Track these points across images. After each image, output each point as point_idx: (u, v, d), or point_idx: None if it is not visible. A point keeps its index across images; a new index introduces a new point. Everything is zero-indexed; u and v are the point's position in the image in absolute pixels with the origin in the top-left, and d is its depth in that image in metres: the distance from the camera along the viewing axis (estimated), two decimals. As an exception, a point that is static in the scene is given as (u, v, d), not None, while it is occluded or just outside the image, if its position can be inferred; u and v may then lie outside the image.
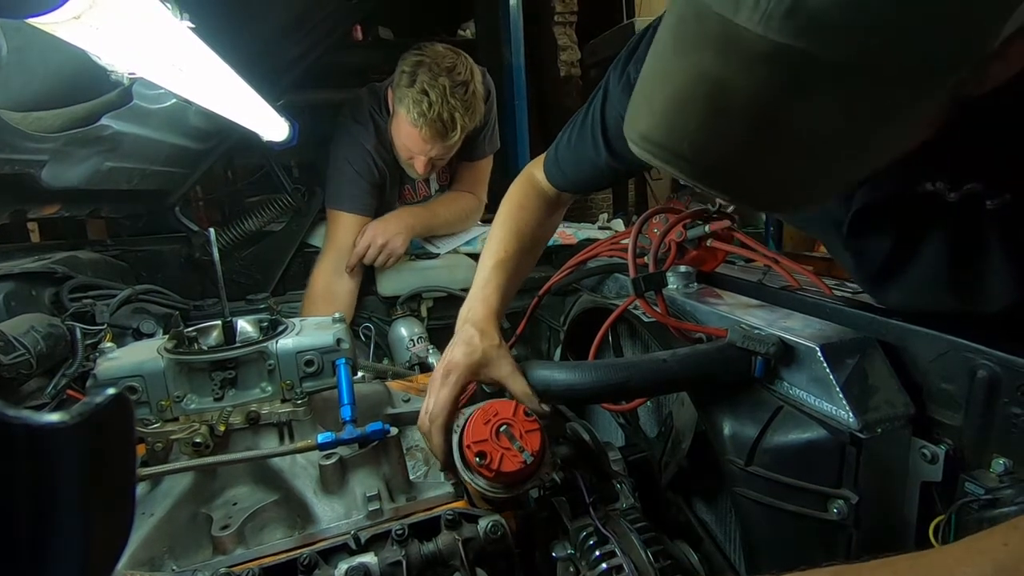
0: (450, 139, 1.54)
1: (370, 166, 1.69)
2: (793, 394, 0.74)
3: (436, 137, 1.53)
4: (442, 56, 1.53)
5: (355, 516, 0.80)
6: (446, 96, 1.48)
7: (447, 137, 1.53)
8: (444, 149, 1.59)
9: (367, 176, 1.69)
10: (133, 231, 1.78)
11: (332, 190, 1.70)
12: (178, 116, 1.30)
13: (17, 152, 0.95)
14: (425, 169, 1.64)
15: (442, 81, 1.48)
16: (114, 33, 0.60)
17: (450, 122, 1.50)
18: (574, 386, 0.76)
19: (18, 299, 1.11)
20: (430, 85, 1.48)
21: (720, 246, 1.05)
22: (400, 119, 1.57)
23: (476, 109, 1.57)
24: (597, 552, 0.72)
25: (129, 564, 0.70)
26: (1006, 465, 0.61)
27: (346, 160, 1.68)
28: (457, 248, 1.82)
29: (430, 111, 1.48)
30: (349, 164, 1.68)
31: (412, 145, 1.59)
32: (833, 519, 0.68)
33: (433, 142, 1.55)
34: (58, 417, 0.23)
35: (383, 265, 1.65)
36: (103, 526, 0.28)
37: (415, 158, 1.62)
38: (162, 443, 0.82)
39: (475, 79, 1.57)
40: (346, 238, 1.66)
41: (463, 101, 1.51)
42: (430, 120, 1.49)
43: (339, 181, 1.69)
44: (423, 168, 1.64)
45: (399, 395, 1.04)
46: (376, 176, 1.72)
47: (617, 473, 0.88)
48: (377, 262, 1.63)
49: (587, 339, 1.07)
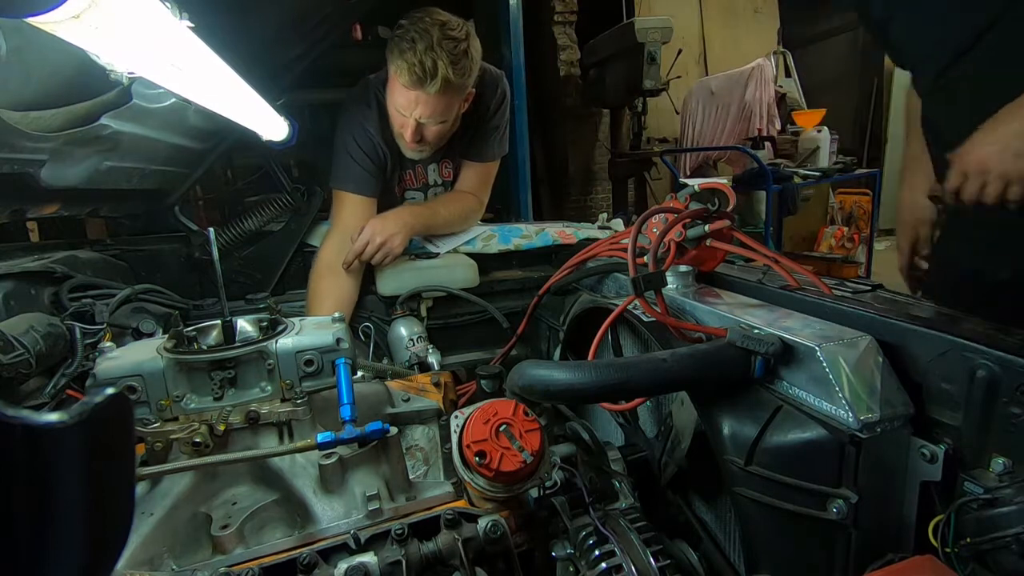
0: (429, 88, 1.47)
1: (374, 146, 1.68)
2: (792, 394, 0.75)
3: (415, 84, 1.47)
4: (437, 13, 1.51)
5: (355, 516, 0.80)
6: (432, 45, 1.44)
7: (426, 84, 1.46)
8: (428, 106, 1.53)
9: (372, 156, 1.68)
10: (133, 230, 1.78)
11: (337, 170, 1.70)
12: (177, 115, 1.30)
13: (16, 151, 0.95)
14: (412, 137, 1.59)
15: (432, 32, 1.45)
16: (113, 32, 0.60)
17: (432, 69, 1.44)
18: (574, 386, 0.76)
19: (17, 298, 1.11)
20: (419, 32, 1.45)
21: (720, 246, 1.05)
22: (391, 77, 1.54)
23: (465, 68, 1.51)
24: (597, 551, 0.72)
25: (129, 564, 0.70)
26: (1005, 464, 0.61)
27: (352, 139, 1.67)
28: (457, 248, 1.82)
29: (413, 56, 1.43)
30: (355, 144, 1.66)
31: (398, 102, 1.55)
32: (832, 519, 0.68)
33: (415, 93, 1.49)
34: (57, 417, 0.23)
35: (380, 263, 1.65)
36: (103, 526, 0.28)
37: (404, 123, 1.58)
38: (162, 443, 0.82)
39: (470, 41, 1.51)
40: (351, 218, 1.65)
41: (450, 54, 1.45)
42: (410, 64, 1.44)
43: (344, 162, 1.68)
44: (410, 135, 1.58)
45: (399, 395, 1.04)
46: (380, 157, 1.71)
47: (617, 473, 0.88)
48: (374, 260, 1.63)
49: (587, 339, 1.07)
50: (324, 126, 2.51)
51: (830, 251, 5.04)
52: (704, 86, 5.71)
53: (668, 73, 5.13)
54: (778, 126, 5.39)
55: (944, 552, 0.63)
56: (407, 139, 1.62)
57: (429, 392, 1.08)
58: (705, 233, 1.03)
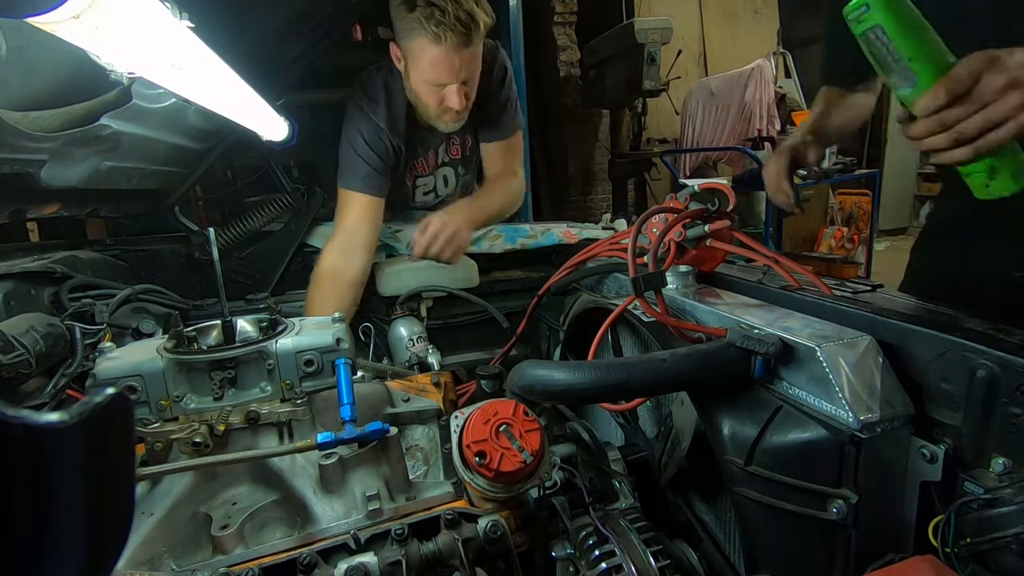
0: (475, 40, 1.43)
1: (385, 144, 1.62)
2: (793, 394, 0.75)
3: (462, 43, 1.41)
4: None
5: (355, 516, 0.80)
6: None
7: (472, 38, 1.41)
8: (472, 61, 1.48)
9: (381, 153, 1.63)
10: (133, 231, 1.78)
11: (344, 169, 1.62)
12: (177, 116, 1.30)
13: (16, 152, 0.94)
14: (460, 99, 1.51)
15: None
16: (113, 32, 0.60)
17: (471, 19, 1.39)
18: (573, 386, 0.76)
19: (17, 299, 1.11)
20: None
21: (720, 246, 1.05)
22: (415, 54, 1.47)
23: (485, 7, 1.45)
24: (597, 552, 0.72)
25: (129, 564, 0.70)
26: (1005, 465, 0.61)
27: (359, 135, 1.60)
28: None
29: (446, 16, 1.37)
30: (363, 140, 1.60)
31: (440, 71, 1.47)
32: (832, 519, 0.68)
33: (460, 52, 1.43)
34: (57, 417, 0.23)
35: (450, 259, 1.58)
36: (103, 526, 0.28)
37: (447, 92, 1.51)
38: (162, 443, 0.82)
39: None
40: (357, 219, 1.60)
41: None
42: (451, 23, 1.37)
43: (352, 160, 1.62)
44: (458, 99, 1.50)
45: (399, 395, 1.04)
46: (390, 154, 1.66)
47: (617, 473, 0.88)
48: (444, 254, 1.55)
49: (587, 339, 1.07)
50: (324, 126, 2.51)
51: (830, 251, 5.05)
52: (704, 87, 5.72)
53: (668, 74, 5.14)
54: (778, 126, 5.40)
55: (944, 552, 0.63)
56: (456, 106, 1.53)
57: (429, 392, 1.08)
58: (705, 233, 1.03)
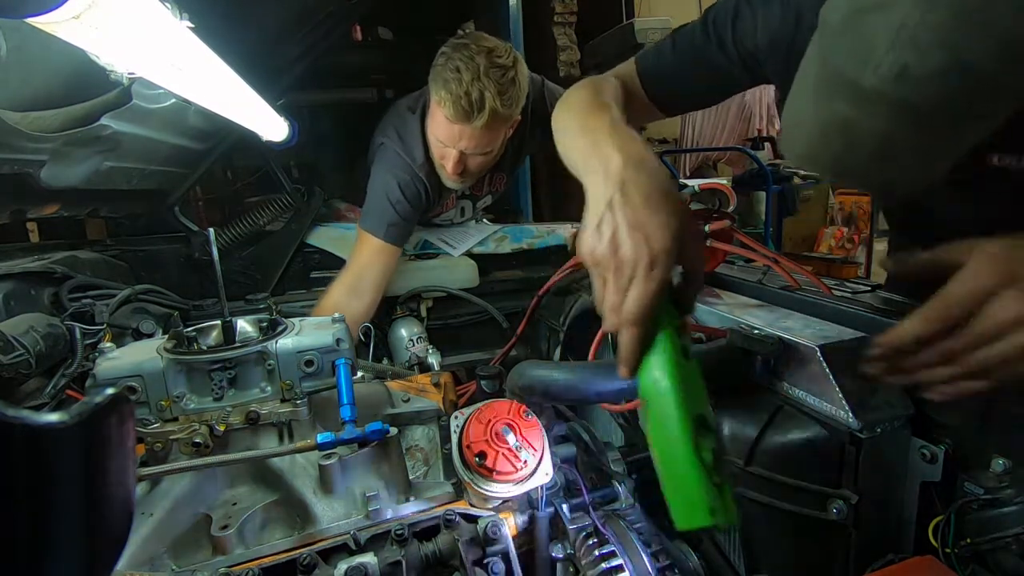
0: (476, 121, 1.38)
1: (418, 191, 1.57)
2: (793, 394, 0.74)
3: (461, 118, 1.38)
4: (483, 38, 1.42)
5: (355, 516, 0.80)
6: (479, 75, 1.35)
7: (472, 118, 1.38)
8: (473, 139, 1.44)
9: (415, 204, 1.57)
10: (132, 231, 1.78)
11: (371, 212, 1.56)
12: (177, 116, 1.30)
13: (16, 152, 0.94)
14: (454, 168, 1.49)
15: (478, 60, 1.36)
16: (113, 33, 0.60)
17: (478, 102, 1.35)
18: (573, 386, 0.76)
19: (17, 299, 1.11)
20: (464, 61, 1.36)
21: (720, 246, 1.05)
22: (432, 105, 1.45)
23: (513, 98, 1.41)
24: (597, 552, 0.72)
25: (129, 564, 0.70)
26: (1005, 465, 0.61)
27: (396, 185, 1.54)
28: (471, 248, 1.81)
29: (459, 87, 1.35)
30: (399, 191, 1.54)
31: (440, 133, 1.46)
32: (833, 519, 0.68)
33: (460, 126, 1.41)
34: (57, 417, 0.23)
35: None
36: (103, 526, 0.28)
37: (445, 152, 1.50)
38: (162, 443, 0.82)
39: (518, 68, 1.42)
40: (370, 264, 1.53)
41: (498, 83, 1.36)
42: (455, 97, 1.35)
43: (382, 206, 1.54)
44: (452, 166, 1.49)
45: (399, 395, 1.04)
46: (422, 200, 1.59)
47: (617, 473, 0.88)
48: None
49: (587, 339, 1.07)
50: (324, 126, 2.51)
51: (830, 252, 5.05)
52: (704, 86, 5.70)
53: (668, 74, 5.12)
54: (778, 126, 5.39)
55: (944, 552, 0.63)
56: (449, 171, 1.52)
57: (429, 392, 1.08)
58: (705, 233, 1.03)
